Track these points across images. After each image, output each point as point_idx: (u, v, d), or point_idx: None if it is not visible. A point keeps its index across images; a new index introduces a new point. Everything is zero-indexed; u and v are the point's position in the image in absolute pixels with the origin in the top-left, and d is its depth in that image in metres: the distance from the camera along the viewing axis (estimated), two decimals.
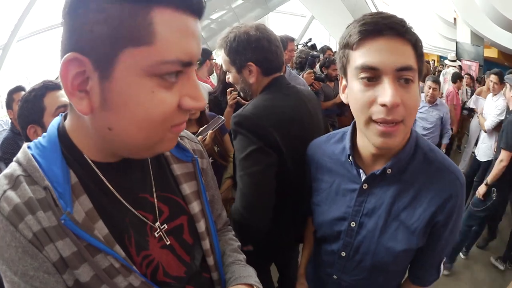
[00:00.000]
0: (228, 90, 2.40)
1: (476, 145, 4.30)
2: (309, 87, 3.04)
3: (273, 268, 1.90)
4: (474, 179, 3.61)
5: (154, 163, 0.73)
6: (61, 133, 0.61)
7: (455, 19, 10.29)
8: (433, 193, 0.87)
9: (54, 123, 0.64)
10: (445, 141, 4.04)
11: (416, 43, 0.78)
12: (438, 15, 11.11)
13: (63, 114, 0.65)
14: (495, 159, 2.86)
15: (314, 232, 1.16)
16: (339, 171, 1.00)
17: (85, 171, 0.61)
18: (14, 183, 0.56)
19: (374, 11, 10.67)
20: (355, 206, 0.96)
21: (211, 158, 1.95)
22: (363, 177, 0.94)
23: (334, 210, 1.00)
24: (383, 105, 0.75)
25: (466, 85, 6.65)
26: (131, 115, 0.52)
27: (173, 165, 0.76)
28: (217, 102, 2.59)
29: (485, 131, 3.71)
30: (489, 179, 2.87)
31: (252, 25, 1.30)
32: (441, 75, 7.24)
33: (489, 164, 3.35)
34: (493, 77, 4.04)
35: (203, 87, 2.67)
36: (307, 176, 1.15)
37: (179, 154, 0.78)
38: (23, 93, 1.79)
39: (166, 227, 0.71)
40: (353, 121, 0.94)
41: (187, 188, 0.77)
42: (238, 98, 2.34)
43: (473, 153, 4.52)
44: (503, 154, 2.74)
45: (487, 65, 8.70)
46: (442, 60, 12.77)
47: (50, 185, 0.55)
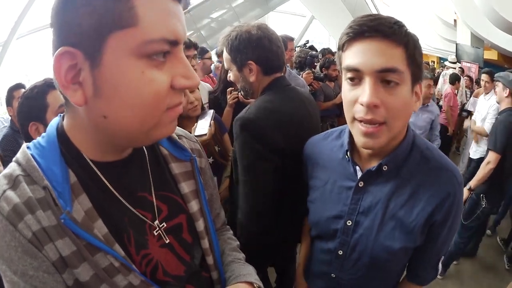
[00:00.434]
0: (228, 89, 2.39)
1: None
2: (308, 87, 3.04)
3: (271, 268, 1.90)
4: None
5: (152, 162, 0.73)
6: (60, 133, 0.62)
7: (455, 21, 10.30)
8: (430, 191, 0.87)
9: (53, 123, 0.64)
10: None
11: (407, 45, 0.78)
12: (438, 17, 11.12)
13: (61, 114, 0.65)
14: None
15: (310, 230, 1.16)
16: (336, 169, 1.01)
17: (84, 171, 0.61)
18: (13, 183, 0.56)
19: (374, 11, 10.64)
20: (351, 204, 0.96)
21: (211, 157, 1.95)
22: (359, 174, 0.95)
23: (330, 208, 1.01)
24: (362, 104, 0.78)
25: (465, 86, 6.67)
26: (124, 98, 0.53)
27: (172, 164, 0.76)
28: (217, 101, 2.59)
29: (486, 136, 3.52)
30: (473, 183, 2.66)
31: (254, 24, 1.31)
32: (440, 77, 7.26)
33: (481, 161, 3.22)
34: (484, 76, 4.01)
35: (203, 87, 2.67)
36: (304, 174, 1.15)
37: (177, 153, 0.78)
38: (23, 90, 1.78)
39: (165, 225, 0.71)
40: None
41: (186, 187, 0.77)
42: (238, 97, 2.34)
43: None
44: (490, 155, 2.60)
45: (487, 67, 8.67)
46: (442, 61, 12.78)
47: (49, 185, 0.55)
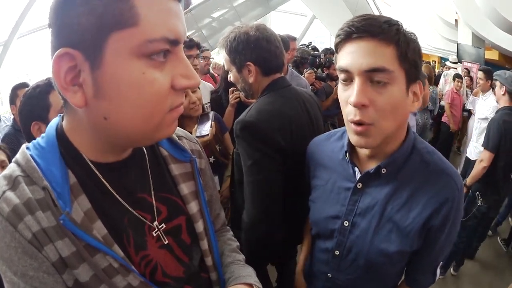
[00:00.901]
0: (230, 89, 2.40)
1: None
2: (310, 87, 3.04)
3: (272, 267, 1.91)
4: None
5: (152, 163, 0.73)
6: (60, 134, 0.62)
7: (456, 21, 10.28)
8: (428, 196, 0.87)
9: (52, 124, 0.64)
10: None
11: (398, 43, 0.77)
12: (439, 16, 11.10)
13: (61, 114, 0.65)
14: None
15: (311, 230, 1.17)
16: (336, 169, 1.01)
17: (83, 171, 0.61)
18: (13, 183, 0.56)
19: (375, 11, 10.60)
20: (348, 205, 0.96)
21: (213, 156, 1.95)
22: (358, 176, 0.95)
23: (328, 208, 1.01)
24: (351, 104, 0.79)
25: (466, 86, 6.67)
26: (125, 99, 0.53)
27: (171, 165, 0.76)
28: (219, 101, 2.59)
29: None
30: (468, 180, 2.79)
31: (252, 25, 1.31)
32: (442, 77, 7.26)
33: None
34: (479, 74, 4.02)
35: (205, 86, 2.67)
36: (305, 174, 1.16)
37: (177, 154, 0.78)
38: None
39: (164, 226, 0.71)
40: None
41: (185, 188, 0.77)
42: (240, 97, 2.34)
43: None
44: (484, 154, 2.68)
45: (488, 67, 8.68)
46: (443, 61, 12.76)
47: (48, 186, 0.56)
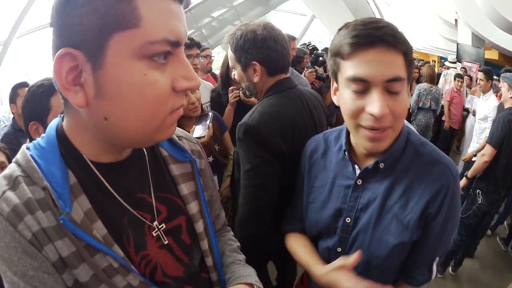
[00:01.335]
0: (230, 88, 2.40)
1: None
2: (309, 86, 3.03)
3: (271, 266, 1.90)
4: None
5: (152, 164, 0.73)
6: (60, 134, 0.62)
7: (456, 20, 10.26)
8: (424, 185, 0.89)
9: (52, 124, 0.64)
10: None
11: (406, 52, 0.80)
12: (439, 16, 11.09)
13: (61, 115, 0.65)
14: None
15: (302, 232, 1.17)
16: (335, 169, 1.02)
17: (83, 172, 0.61)
18: (13, 183, 0.56)
19: (375, 10, 10.56)
20: (350, 201, 0.97)
21: (212, 156, 1.95)
22: (357, 173, 0.96)
23: (329, 207, 1.02)
24: (371, 115, 0.79)
25: (466, 86, 6.68)
26: (126, 100, 0.53)
27: (171, 165, 0.76)
28: (219, 100, 2.60)
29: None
30: (470, 172, 2.85)
31: (260, 23, 1.29)
32: (441, 76, 7.27)
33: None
34: (480, 74, 4.04)
35: (205, 85, 2.67)
36: (299, 174, 1.15)
37: (177, 154, 0.78)
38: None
39: (164, 226, 0.71)
40: None
41: (185, 188, 0.77)
42: (239, 96, 2.34)
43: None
44: (486, 148, 2.74)
45: (488, 67, 8.69)
46: (442, 61, 12.76)
47: (49, 186, 0.56)
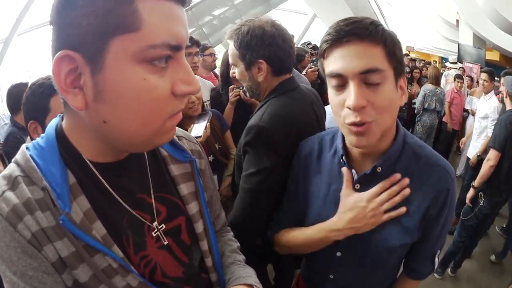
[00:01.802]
0: (230, 87, 2.39)
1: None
2: (310, 84, 3.02)
3: (269, 267, 1.90)
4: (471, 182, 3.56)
5: (152, 164, 0.73)
6: (59, 134, 0.62)
7: (457, 21, 10.25)
8: (424, 188, 0.89)
9: (52, 124, 0.64)
10: None
11: (386, 43, 0.80)
12: (440, 17, 11.07)
13: (61, 114, 0.65)
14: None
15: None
16: (331, 173, 1.01)
17: (83, 172, 0.61)
18: (12, 183, 0.56)
19: (376, 10, 10.52)
20: None
21: (212, 155, 1.95)
22: (355, 177, 0.95)
23: (327, 212, 1.00)
24: (350, 108, 0.79)
25: (467, 87, 6.68)
26: (125, 104, 0.52)
27: (171, 165, 0.76)
28: (219, 98, 2.59)
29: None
30: (476, 181, 2.83)
31: (267, 20, 1.23)
32: (443, 77, 7.27)
33: (478, 163, 3.37)
34: (483, 75, 4.03)
35: (204, 84, 2.67)
36: (292, 176, 1.12)
37: (177, 154, 0.78)
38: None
39: (163, 227, 0.71)
40: None
41: (185, 188, 0.77)
42: (240, 95, 2.34)
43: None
44: (491, 153, 2.72)
45: (489, 68, 8.68)
46: (444, 61, 12.74)
47: (48, 186, 0.56)
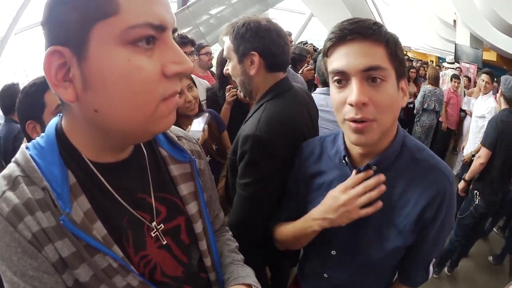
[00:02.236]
0: (227, 87, 2.39)
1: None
2: (306, 84, 3.02)
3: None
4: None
5: (152, 164, 0.73)
6: (59, 133, 0.62)
7: (454, 21, 10.30)
8: (420, 191, 0.89)
9: (52, 123, 0.64)
10: None
11: (388, 43, 0.81)
12: (437, 17, 11.12)
13: (60, 114, 0.65)
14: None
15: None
16: (331, 173, 1.01)
17: (83, 172, 0.61)
18: (12, 183, 0.56)
19: (373, 10, 10.54)
20: None
21: (208, 156, 1.94)
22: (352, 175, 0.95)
23: None
24: (351, 104, 0.80)
25: (464, 87, 6.70)
26: (113, 89, 0.53)
27: (171, 165, 0.76)
28: (215, 98, 2.59)
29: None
30: (467, 174, 2.89)
31: (264, 17, 1.24)
32: (440, 77, 7.29)
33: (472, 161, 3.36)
34: (484, 76, 4.04)
35: (200, 84, 2.66)
36: (292, 177, 1.12)
37: (176, 154, 0.78)
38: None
39: (162, 227, 0.71)
40: None
41: (184, 189, 0.77)
42: (237, 95, 2.34)
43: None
44: (482, 150, 2.77)
45: (486, 68, 8.72)
46: (440, 61, 12.80)
47: (48, 186, 0.56)
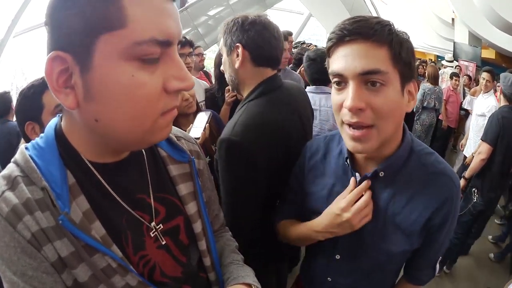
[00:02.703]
0: (227, 87, 2.39)
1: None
2: (303, 82, 3.01)
3: None
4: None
5: (151, 164, 0.73)
6: (58, 134, 0.62)
7: (453, 20, 10.31)
8: (428, 196, 0.87)
9: (51, 124, 0.64)
10: None
11: (391, 44, 0.77)
12: (436, 15, 11.12)
13: (60, 115, 0.65)
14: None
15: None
16: (335, 175, 1.00)
17: (82, 172, 0.61)
18: (12, 184, 0.56)
19: (372, 9, 10.53)
20: None
21: (208, 156, 1.94)
22: (358, 181, 0.93)
23: None
24: (346, 108, 0.78)
25: (464, 85, 6.71)
26: (114, 102, 0.53)
27: (170, 165, 0.76)
28: (213, 99, 2.59)
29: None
30: (467, 172, 2.86)
31: (256, 13, 1.24)
32: (439, 75, 7.30)
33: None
34: (485, 75, 4.03)
35: (199, 84, 2.66)
36: (295, 173, 1.12)
37: (176, 155, 0.78)
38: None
39: (162, 227, 0.71)
40: None
41: (184, 189, 0.77)
42: (236, 96, 2.34)
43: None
44: (482, 146, 2.75)
45: (485, 66, 8.73)
46: (439, 60, 12.80)
47: (47, 186, 0.56)
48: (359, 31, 0.76)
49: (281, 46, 1.26)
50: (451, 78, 5.69)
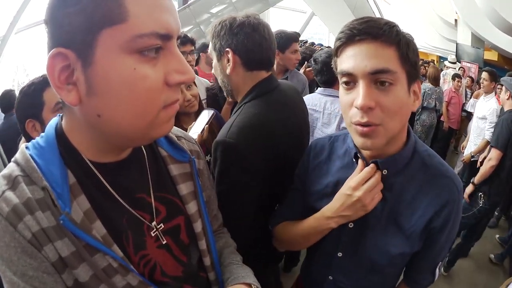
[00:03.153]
0: None
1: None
2: (307, 82, 3.00)
3: None
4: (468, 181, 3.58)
5: (151, 163, 0.73)
6: (59, 133, 0.62)
7: (456, 21, 10.29)
8: (430, 198, 0.87)
9: (52, 123, 0.64)
10: None
11: (399, 44, 0.77)
12: (439, 16, 11.11)
13: (60, 114, 0.65)
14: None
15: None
16: (339, 173, 1.00)
17: (83, 172, 0.61)
18: (12, 183, 0.56)
19: (374, 9, 10.50)
20: None
21: (209, 155, 1.94)
22: None
23: None
24: (357, 108, 0.78)
25: (466, 87, 6.70)
26: (117, 96, 0.53)
27: (170, 165, 0.77)
28: (215, 98, 2.58)
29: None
30: (476, 178, 2.81)
31: (245, 14, 1.18)
32: (441, 76, 7.29)
33: (472, 162, 3.47)
34: (484, 74, 4.03)
35: (201, 82, 2.66)
36: (298, 172, 1.11)
37: (176, 154, 0.78)
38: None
39: (162, 226, 0.71)
40: None
41: (184, 188, 0.77)
42: None
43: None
44: (492, 152, 2.71)
45: (492, 68, 8.72)
46: (442, 60, 12.79)
47: (48, 186, 0.56)
48: (369, 31, 0.77)
49: (274, 46, 1.21)
50: (453, 79, 5.68)
